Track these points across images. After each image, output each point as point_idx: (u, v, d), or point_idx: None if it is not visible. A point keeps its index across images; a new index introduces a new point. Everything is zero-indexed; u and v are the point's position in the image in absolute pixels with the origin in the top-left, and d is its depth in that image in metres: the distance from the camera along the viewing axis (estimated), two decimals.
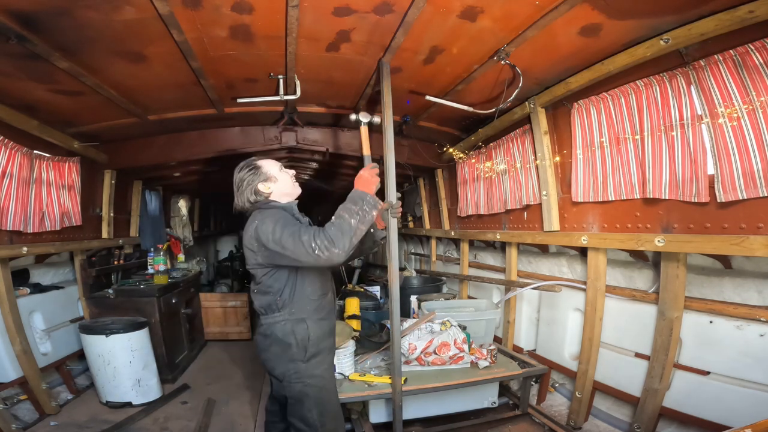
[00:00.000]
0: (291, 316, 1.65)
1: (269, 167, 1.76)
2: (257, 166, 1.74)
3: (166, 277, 3.62)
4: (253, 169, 1.74)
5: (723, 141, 1.62)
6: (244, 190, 1.73)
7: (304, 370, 1.65)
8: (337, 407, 1.79)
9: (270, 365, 1.71)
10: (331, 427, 1.71)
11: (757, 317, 1.66)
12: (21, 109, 2.41)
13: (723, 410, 1.73)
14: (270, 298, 1.65)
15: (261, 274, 1.64)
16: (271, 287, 1.64)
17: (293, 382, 1.65)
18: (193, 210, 6.23)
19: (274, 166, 1.78)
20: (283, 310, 1.65)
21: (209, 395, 3.11)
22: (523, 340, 3.00)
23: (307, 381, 1.65)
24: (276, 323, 1.65)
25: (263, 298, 1.67)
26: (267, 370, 1.76)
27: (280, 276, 1.63)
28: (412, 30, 1.78)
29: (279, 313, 1.65)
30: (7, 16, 1.53)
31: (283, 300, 1.64)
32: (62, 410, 2.73)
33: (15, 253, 2.50)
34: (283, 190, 1.75)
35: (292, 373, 1.64)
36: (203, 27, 1.73)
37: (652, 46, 1.76)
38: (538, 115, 2.50)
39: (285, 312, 1.65)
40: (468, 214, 3.49)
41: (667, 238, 1.84)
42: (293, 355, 1.63)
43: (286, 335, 1.63)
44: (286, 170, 1.81)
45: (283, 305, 1.64)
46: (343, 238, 1.42)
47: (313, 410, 1.65)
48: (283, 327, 1.64)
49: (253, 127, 3.27)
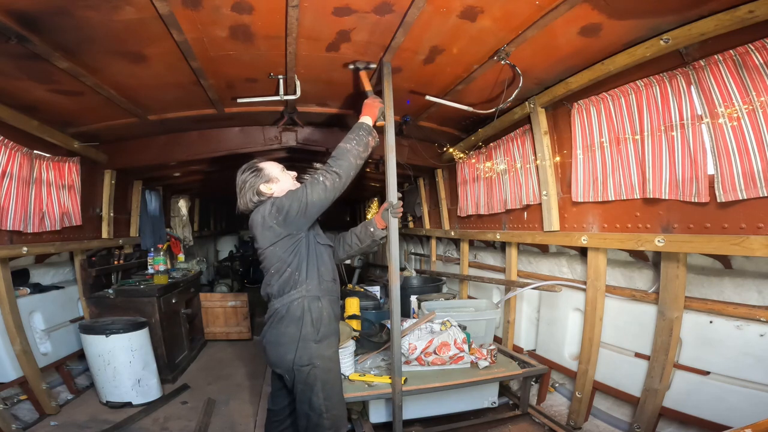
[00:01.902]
0: (308, 293, 1.70)
1: (271, 169, 1.80)
2: (259, 168, 1.79)
3: (166, 277, 3.62)
4: (255, 171, 1.78)
5: (723, 141, 1.62)
6: (247, 191, 1.77)
7: (315, 350, 1.67)
8: (341, 394, 1.82)
9: (280, 354, 1.70)
10: (335, 413, 1.72)
11: (757, 317, 1.66)
12: (21, 109, 2.42)
13: (723, 410, 1.72)
14: (286, 277, 1.70)
15: (281, 251, 1.69)
16: (290, 264, 1.70)
17: (303, 365, 1.66)
18: (193, 210, 6.24)
19: (276, 168, 1.82)
20: (299, 287, 1.70)
21: (209, 395, 3.11)
22: (523, 340, 3.00)
23: (317, 363, 1.67)
24: (293, 300, 1.69)
25: (279, 279, 1.70)
26: (274, 362, 1.75)
27: (300, 249, 1.71)
28: (412, 30, 1.78)
29: (296, 290, 1.70)
30: (7, 16, 1.53)
31: (301, 276, 1.70)
32: (62, 410, 2.73)
33: (15, 253, 2.50)
34: (285, 191, 1.77)
35: (303, 356, 1.66)
36: (203, 27, 1.73)
37: (652, 46, 1.77)
38: (538, 115, 2.51)
39: (302, 289, 1.70)
40: (468, 214, 3.49)
41: (667, 238, 1.84)
42: (307, 334, 1.67)
43: (303, 312, 1.68)
44: (288, 172, 1.86)
45: (301, 282, 1.70)
46: (341, 161, 1.66)
47: (320, 394, 1.67)
48: (300, 303, 1.69)
49: (253, 127, 3.27)
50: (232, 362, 3.93)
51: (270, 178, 1.78)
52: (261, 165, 1.80)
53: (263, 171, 1.78)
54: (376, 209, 6.78)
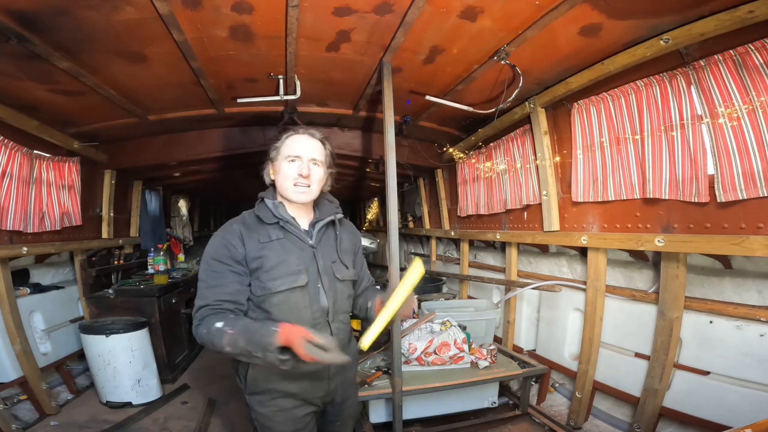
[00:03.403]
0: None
1: (285, 144, 1.30)
2: (281, 140, 1.32)
3: (166, 277, 3.62)
4: (277, 142, 1.32)
5: (723, 141, 1.62)
6: (266, 164, 1.36)
7: (248, 399, 1.36)
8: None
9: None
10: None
11: (757, 317, 1.66)
12: (21, 109, 2.41)
13: (723, 410, 1.72)
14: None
15: None
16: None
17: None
18: (193, 210, 6.24)
19: (288, 149, 1.29)
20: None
21: (209, 395, 3.11)
22: (523, 340, 3.00)
23: (252, 414, 1.36)
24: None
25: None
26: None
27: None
28: (412, 30, 1.78)
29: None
30: (7, 16, 1.53)
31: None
32: (62, 410, 2.73)
33: (15, 253, 2.50)
34: (279, 186, 1.31)
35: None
36: (203, 27, 1.73)
37: (652, 46, 1.77)
38: (538, 115, 2.51)
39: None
40: (468, 214, 3.49)
41: (667, 238, 1.84)
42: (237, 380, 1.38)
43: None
44: (303, 162, 1.28)
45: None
46: (207, 342, 1.13)
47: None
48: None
49: (253, 127, 3.27)
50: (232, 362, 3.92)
51: (274, 157, 1.31)
52: (285, 135, 1.32)
53: (279, 144, 1.32)
54: (377, 209, 6.77)
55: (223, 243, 1.23)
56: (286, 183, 1.28)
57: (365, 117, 3.05)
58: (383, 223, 6.35)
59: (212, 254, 1.23)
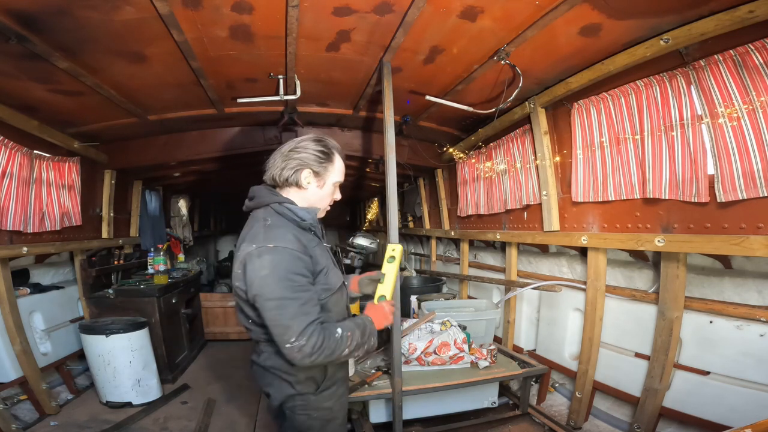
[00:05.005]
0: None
1: (336, 164, 1.37)
2: (328, 151, 1.34)
3: (166, 277, 3.62)
4: (322, 151, 1.32)
5: (723, 141, 1.62)
6: (289, 162, 1.30)
7: (313, 403, 1.35)
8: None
9: (267, 391, 1.40)
10: None
11: (757, 317, 1.66)
12: (21, 109, 2.42)
13: (723, 410, 1.72)
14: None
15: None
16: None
17: (297, 413, 1.35)
18: (193, 210, 6.23)
19: (339, 174, 1.39)
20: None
21: (209, 395, 3.11)
22: (523, 340, 3.00)
23: (314, 414, 1.36)
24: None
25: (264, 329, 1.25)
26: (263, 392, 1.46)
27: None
28: (412, 30, 1.78)
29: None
30: (7, 16, 1.53)
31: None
32: (62, 410, 2.73)
33: (15, 253, 2.50)
34: (312, 199, 1.35)
35: (297, 404, 1.34)
36: (203, 27, 1.73)
37: (652, 46, 1.77)
38: (538, 115, 2.50)
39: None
40: (468, 214, 3.49)
41: (667, 238, 1.84)
42: (301, 389, 1.33)
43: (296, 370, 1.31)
44: (338, 188, 1.42)
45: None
46: (327, 355, 1.17)
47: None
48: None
49: (253, 127, 3.27)
50: (232, 362, 3.92)
51: (321, 173, 1.32)
52: (334, 151, 1.36)
53: (330, 158, 1.33)
54: (377, 209, 6.76)
55: (295, 255, 1.19)
56: (323, 203, 1.39)
57: (365, 117, 3.05)
58: (383, 223, 6.34)
59: (289, 269, 1.17)
